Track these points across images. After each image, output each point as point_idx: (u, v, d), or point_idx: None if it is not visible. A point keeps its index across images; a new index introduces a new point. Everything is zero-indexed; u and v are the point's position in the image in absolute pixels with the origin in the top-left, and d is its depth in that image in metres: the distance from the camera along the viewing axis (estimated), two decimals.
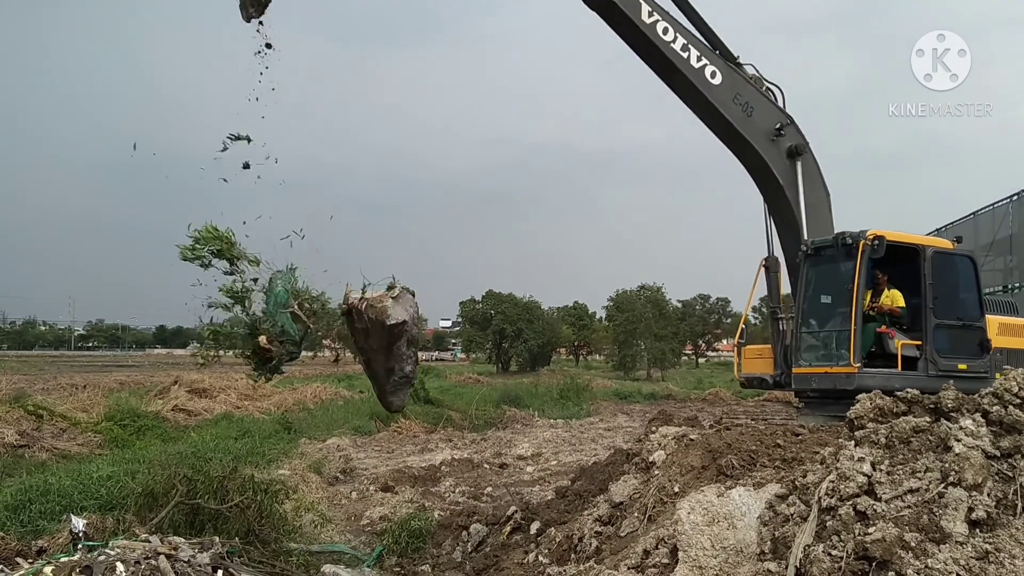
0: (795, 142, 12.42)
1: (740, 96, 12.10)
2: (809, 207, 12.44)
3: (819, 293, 12.27)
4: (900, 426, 4.16)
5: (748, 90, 12.23)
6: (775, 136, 12.28)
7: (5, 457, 13.96)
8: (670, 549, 5.10)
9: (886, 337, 11.42)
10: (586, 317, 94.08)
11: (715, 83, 11.86)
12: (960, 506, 3.53)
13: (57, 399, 22.13)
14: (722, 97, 11.97)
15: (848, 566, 3.50)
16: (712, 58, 11.92)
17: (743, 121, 12.11)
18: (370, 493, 13.28)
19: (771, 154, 12.32)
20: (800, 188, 12.31)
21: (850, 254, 11.28)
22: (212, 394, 25.93)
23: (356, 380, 41.99)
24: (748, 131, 12.18)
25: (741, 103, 12.07)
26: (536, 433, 22.84)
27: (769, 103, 12.48)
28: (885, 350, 11.39)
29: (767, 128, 12.29)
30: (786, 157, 12.40)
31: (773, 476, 5.94)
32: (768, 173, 12.37)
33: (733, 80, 12.08)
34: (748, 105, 12.13)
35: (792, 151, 12.39)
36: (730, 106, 12.03)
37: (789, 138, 12.41)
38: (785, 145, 12.40)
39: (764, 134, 12.27)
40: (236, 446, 15.61)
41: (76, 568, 5.75)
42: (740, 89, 12.16)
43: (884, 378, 10.73)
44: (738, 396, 34.39)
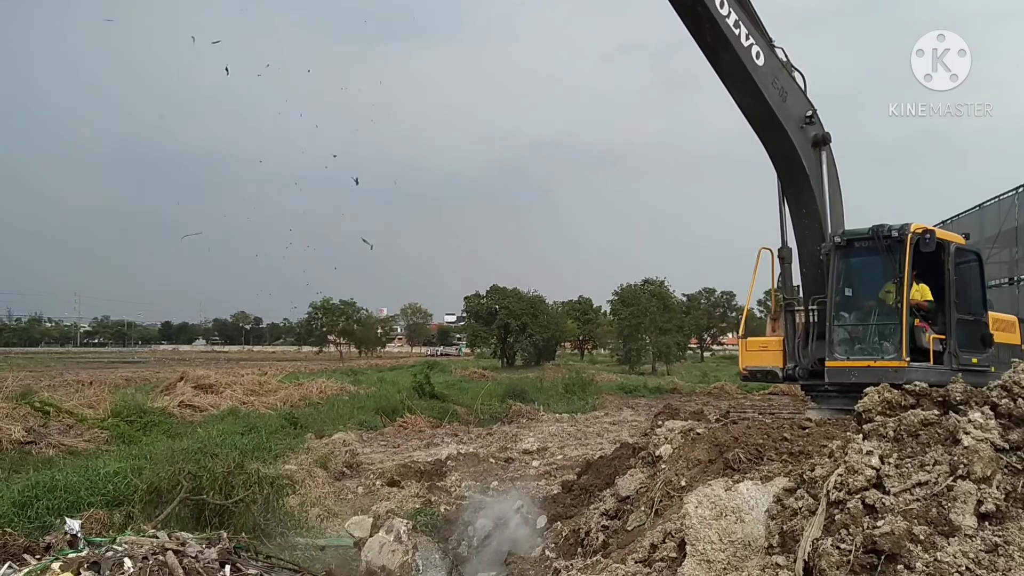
0: (820, 132, 12.40)
1: (778, 80, 12.04)
2: (828, 196, 12.43)
3: (850, 285, 12.19)
4: (908, 419, 4.14)
5: (783, 75, 12.19)
6: (805, 124, 12.27)
7: (12, 454, 13.99)
8: (677, 543, 5.09)
9: (919, 331, 11.35)
10: (591, 311, 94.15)
11: (759, 64, 11.78)
12: (969, 499, 3.51)
13: (63, 396, 22.17)
14: (764, 79, 11.89)
15: (857, 559, 3.48)
16: (757, 38, 11.82)
17: (780, 106, 12.05)
18: (376, 488, 13.30)
19: (800, 141, 12.28)
20: (824, 179, 12.29)
21: (891, 247, 11.20)
22: (218, 390, 25.97)
23: (361, 375, 42.09)
24: (783, 116, 12.11)
25: (778, 87, 12.01)
26: (542, 427, 22.86)
27: (799, 89, 12.45)
28: (916, 344, 11.31)
29: (799, 114, 12.25)
30: (812, 146, 12.38)
31: (781, 470, 5.93)
32: (796, 161, 12.30)
33: (772, 63, 12.02)
34: (784, 90, 12.08)
35: (818, 140, 12.37)
36: (770, 89, 11.96)
37: (816, 127, 12.38)
38: (812, 134, 12.38)
39: (796, 120, 12.23)
40: (243, 441, 15.63)
41: (84, 564, 5.76)
42: (778, 73, 12.10)
43: (924, 372, 10.67)
44: (744, 390, 34.38)
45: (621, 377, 48.53)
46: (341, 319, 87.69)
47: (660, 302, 64.98)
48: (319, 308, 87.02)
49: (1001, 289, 22.85)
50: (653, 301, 64.20)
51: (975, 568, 3.28)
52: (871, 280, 11.88)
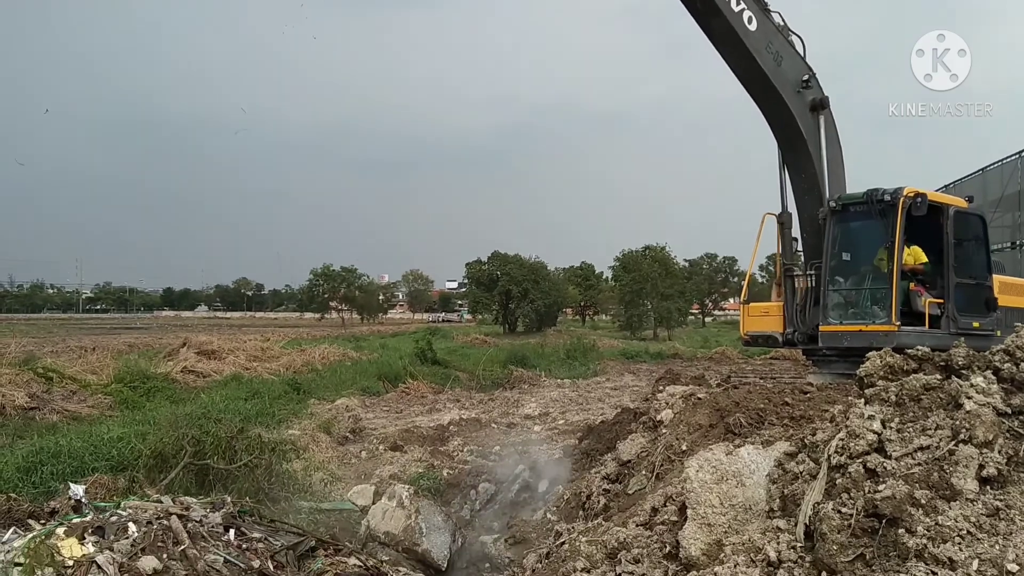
0: (818, 96, 12.25)
1: (772, 45, 11.89)
2: (828, 160, 12.33)
3: (847, 250, 12.16)
4: (911, 384, 4.14)
5: (778, 39, 12.03)
6: (801, 88, 12.13)
7: (16, 419, 14.05)
8: (678, 507, 5.12)
9: (915, 295, 11.33)
10: (592, 277, 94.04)
11: (751, 29, 11.64)
12: (971, 463, 3.52)
13: (66, 362, 22.21)
14: (757, 44, 11.75)
15: (858, 523, 3.50)
16: (749, 3, 11.65)
17: (774, 71, 11.93)
18: (379, 452, 13.37)
19: (797, 106, 12.16)
20: (822, 143, 12.18)
21: (884, 211, 11.16)
22: (221, 356, 26.00)
23: (363, 342, 42.19)
24: (778, 81, 12.00)
25: (773, 52, 11.87)
26: (543, 393, 22.91)
27: (795, 53, 12.30)
28: (912, 308, 11.31)
29: (795, 79, 12.11)
30: (810, 111, 12.26)
31: (782, 434, 5.94)
32: (793, 126, 12.20)
33: (766, 28, 11.87)
34: (779, 55, 11.94)
35: (816, 104, 12.24)
36: (763, 54, 11.83)
37: (813, 91, 12.24)
38: (809, 98, 12.24)
39: (792, 85, 12.09)
40: (246, 407, 15.68)
41: (88, 529, 5.79)
42: (772, 38, 11.94)
43: (918, 336, 10.68)
44: (745, 355, 34.41)
45: (622, 343, 48.56)
46: (342, 286, 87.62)
47: (662, 267, 64.88)
48: (320, 275, 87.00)
49: (1003, 253, 22.79)
50: (655, 266, 64.12)
51: (976, 532, 3.29)
52: (866, 245, 11.84)
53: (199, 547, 6.01)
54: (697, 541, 4.55)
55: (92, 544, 5.59)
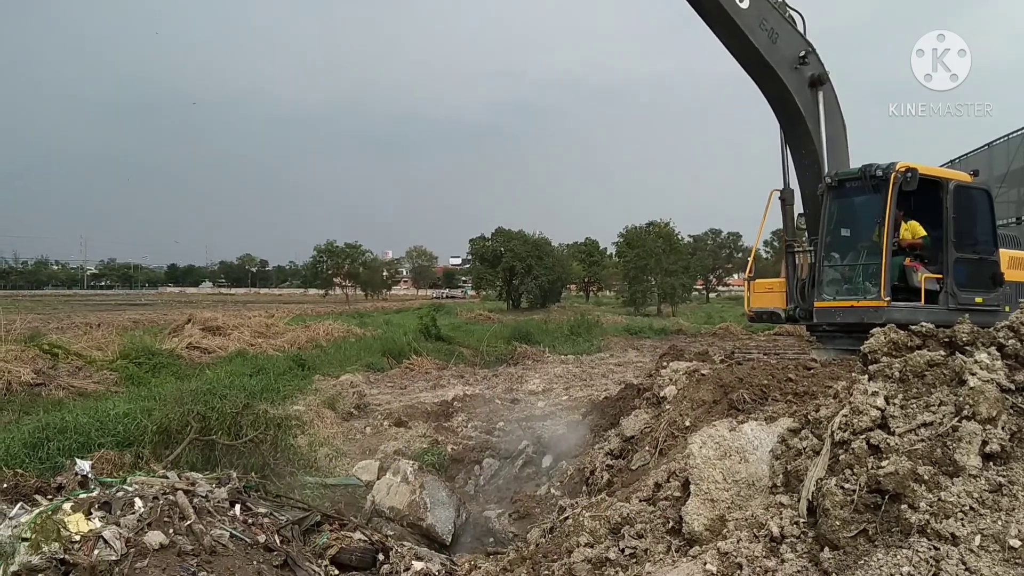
0: (817, 71, 12.10)
1: (766, 22, 11.73)
2: (828, 139, 12.21)
3: (843, 226, 12.12)
4: (914, 360, 4.14)
5: (773, 16, 11.86)
6: (799, 64, 11.97)
7: (22, 395, 14.11)
8: (682, 482, 5.14)
9: (910, 270, 11.31)
10: (596, 253, 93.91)
11: (743, 7, 11.48)
12: (974, 439, 3.52)
13: (72, 338, 22.28)
14: (749, 22, 11.61)
15: (861, 499, 3.51)
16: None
17: (769, 48, 11.79)
18: (384, 428, 13.43)
19: (794, 83, 12.03)
20: (821, 119, 12.06)
21: (878, 187, 11.12)
22: (226, 332, 26.03)
23: (367, 318, 42.24)
24: (773, 58, 11.87)
25: (767, 29, 11.71)
26: (547, 369, 22.95)
27: (792, 30, 12.13)
28: (908, 283, 11.30)
29: (791, 56, 11.96)
30: (808, 87, 12.13)
31: (785, 410, 5.95)
32: (790, 103, 12.10)
33: (759, 5, 11.71)
34: (774, 31, 11.78)
35: (814, 80, 12.10)
36: (757, 32, 11.69)
37: (812, 67, 12.09)
38: (807, 74, 12.09)
39: (788, 62, 11.95)
40: (251, 383, 15.73)
41: (95, 504, 5.83)
42: (766, 14, 11.77)
43: (910, 312, 10.68)
44: (749, 331, 34.41)
45: (626, 319, 48.59)
46: (346, 262, 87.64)
47: (666, 243, 64.76)
48: (324, 251, 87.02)
49: (1008, 228, 22.70)
50: (659, 242, 64.00)
51: (979, 507, 3.30)
52: (861, 220, 11.79)
53: (205, 522, 6.06)
54: (700, 516, 4.57)
55: (99, 519, 5.64)
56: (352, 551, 7.03)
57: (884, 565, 3.29)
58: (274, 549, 6.27)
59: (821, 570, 3.54)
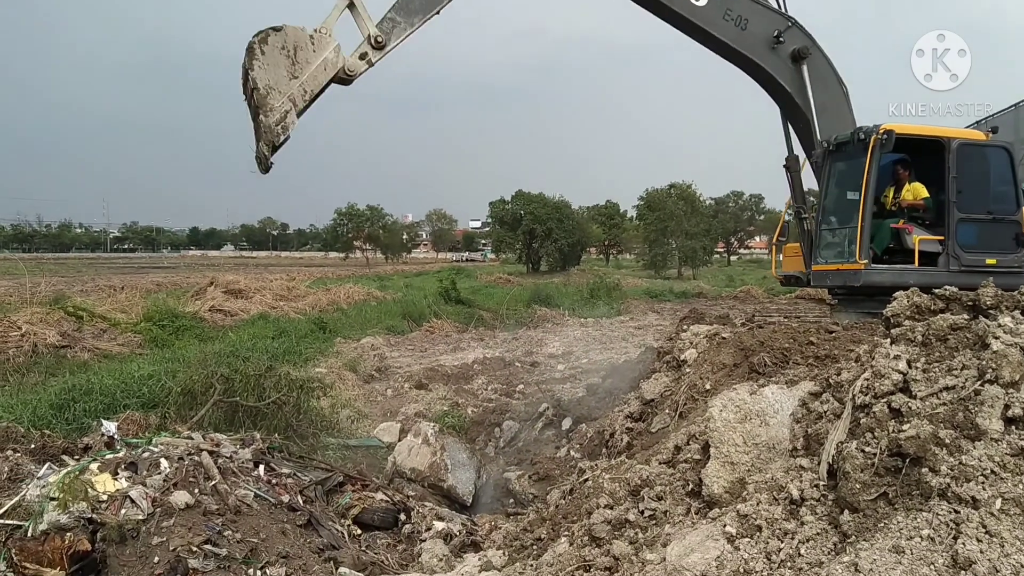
0: (798, 45, 11.57)
1: (731, 11, 11.22)
2: (823, 107, 11.84)
3: (839, 190, 12.01)
4: (937, 324, 4.10)
5: (739, 2, 11.34)
6: (775, 44, 11.55)
7: (48, 358, 14.29)
8: (701, 445, 5.15)
9: (903, 233, 11.25)
10: (617, 216, 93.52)
11: (700, 5, 10.90)
12: (996, 403, 3.49)
13: (96, 301, 22.53)
14: (710, 17, 11.09)
15: (881, 462, 3.50)
16: None
17: (737, 37, 11.28)
18: (405, 390, 13.53)
19: (773, 63, 11.60)
20: (809, 91, 11.67)
21: (864, 149, 11.02)
22: (248, 295, 26.25)
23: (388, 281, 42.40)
24: (744, 46, 11.40)
25: (732, 18, 11.15)
26: (567, 332, 23.00)
27: (764, 9, 11.48)
28: (904, 246, 11.24)
29: (765, 38, 11.39)
30: (791, 62, 11.72)
31: (806, 374, 5.94)
32: (774, 83, 11.75)
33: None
34: (741, 18, 11.21)
35: (796, 55, 11.66)
36: (720, 24, 11.16)
37: (791, 42, 11.55)
38: (788, 50, 11.63)
39: (763, 44, 11.43)
40: (273, 345, 15.88)
41: (121, 464, 5.93)
42: (730, 4, 11.27)
43: (896, 274, 10.66)
44: (770, 294, 34.31)
45: (646, 282, 48.51)
46: (367, 225, 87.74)
47: (687, 205, 64.36)
48: (344, 214, 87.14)
49: None
50: (680, 205, 63.62)
51: (1000, 471, 3.29)
52: (855, 184, 11.64)
53: (230, 482, 6.16)
54: (720, 479, 4.58)
55: (125, 479, 5.74)
56: (374, 511, 7.13)
57: (904, 528, 3.30)
58: (297, 509, 6.37)
59: (840, 532, 3.55)
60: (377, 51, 8.94)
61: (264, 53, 8.17)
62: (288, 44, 8.29)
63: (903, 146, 11.49)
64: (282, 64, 8.27)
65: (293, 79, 8.31)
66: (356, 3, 8.67)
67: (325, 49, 8.51)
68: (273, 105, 8.19)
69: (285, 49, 8.27)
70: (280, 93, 8.22)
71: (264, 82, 8.17)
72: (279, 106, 8.23)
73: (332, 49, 8.50)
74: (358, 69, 8.89)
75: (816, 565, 3.50)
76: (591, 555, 4.55)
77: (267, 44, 8.19)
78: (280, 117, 8.23)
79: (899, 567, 3.17)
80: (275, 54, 8.23)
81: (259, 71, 8.15)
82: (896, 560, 3.19)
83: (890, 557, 3.21)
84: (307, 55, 8.41)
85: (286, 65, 8.31)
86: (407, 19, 9.13)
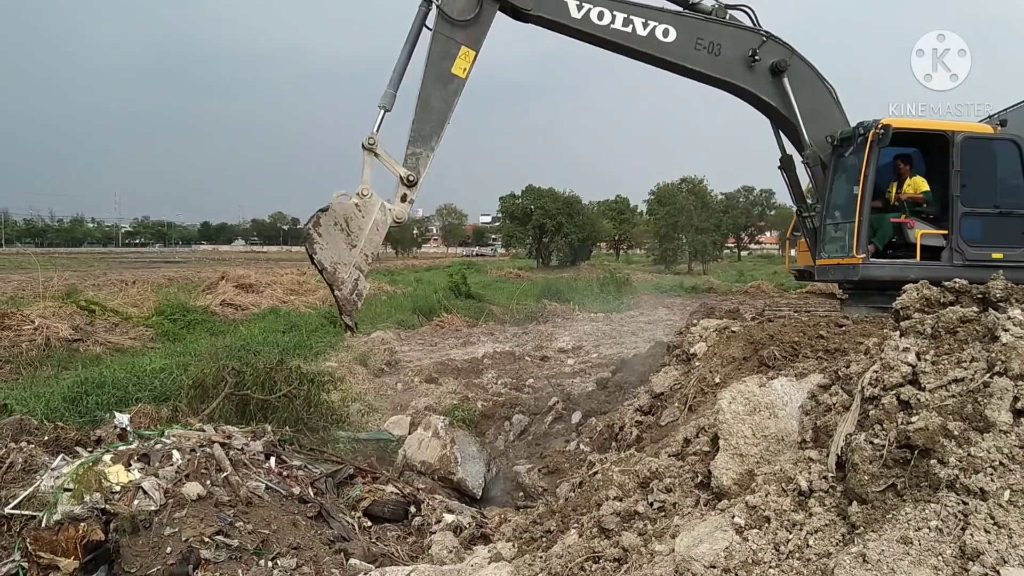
0: (776, 58, 11.18)
1: (701, 40, 10.98)
2: (811, 112, 11.65)
3: (841, 185, 11.97)
4: (947, 316, 4.10)
5: (709, 29, 11.08)
6: (752, 62, 11.31)
7: (60, 351, 14.38)
8: (711, 437, 5.16)
9: (905, 227, 11.23)
10: (627, 211, 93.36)
11: (669, 41, 10.67)
12: (1006, 395, 3.49)
13: (108, 295, 22.65)
14: (681, 51, 10.87)
15: (890, 454, 3.51)
16: (658, 15, 10.79)
17: (712, 64, 11.03)
18: (415, 384, 13.58)
19: (753, 82, 11.36)
20: (794, 101, 11.51)
21: (863, 144, 10.98)
22: (259, 289, 26.35)
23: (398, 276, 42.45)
24: (720, 71, 11.15)
25: (704, 46, 10.93)
26: (577, 327, 23.02)
27: (735, 30, 11.29)
28: (906, 240, 11.22)
29: (740, 58, 11.19)
30: (771, 76, 11.52)
31: (816, 367, 5.93)
32: (757, 100, 11.62)
33: (689, 27, 10.91)
34: (713, 44, 11.00)
35: (775, 68, 11.44)
36: (692, 55, 10.91)
37: (768, 56, 11.20)
38: (766, 65, 11.40)
39: (740, 65, 11.12)
40: (284, 339, 15.95)
41: (134, 456, 5.98)
42: (699, 32, 11.02)
43: (896, 268, 10.64)
44: (781, 289, 34.20)
45: (657, 277, 48.48)
46: None
47: (698, 200, 64.22)
48: None
49: None
50: (690, 199, 63.49)
51: (1009, 463, 3.29)
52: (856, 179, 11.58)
53: (241, 474, 6.19)
54: (729, 471, 4.59)
55: (138, 471, 5.78)
56: (384, 503, 7.16)
57: (912, 519, 3.30)
58: (308, 501, 6.40)
59: (849, 524, 3.56)
60: (413, 187, 9.46)
61: (321, 235, 8.83)
62: (339, 219, 8.89)
63: (909, 141, 11.46)
64: (339, 239, 8.91)
65: (353, 248, 8.98)
66: (379, 153, 9.12)
67: (372, 211, 9.09)
68: (343, 278, 8.91)
69: (338, 225, 8.88)
70: (346, 265, 8.93)
71: (329, 261, 8.86)
72: (348, 278, 8.95)
73: (379, 209, 9.08)
74: (405, 214, 9.50)
75: (824, 556, 3.51)
76: (600, 546, 4.56)
77: (320, 226, 8.82)
78: (352, 287, 8.98)
79: (907, 558, 3.17)
80: (330, 232, 8.86)
81: (321, 252, 8.84)
82: (904, 551, 3.20)
83: (898, 548, 3.22)
84: (358, 223, 9.01)
85: (343, 238, 8.94)
86: (426, 146, 9.58)
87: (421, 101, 9.56)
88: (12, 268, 45.07)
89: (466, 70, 9.79)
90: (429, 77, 9.63)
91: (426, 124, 9.60)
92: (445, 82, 9.59)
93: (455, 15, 9.55)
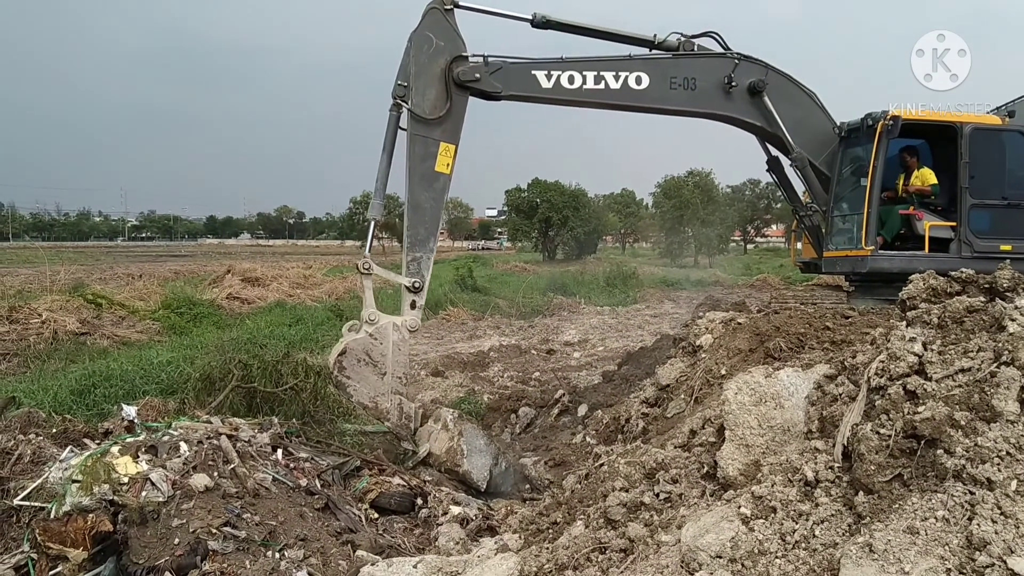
0: (752, 78, 11.11)
1: (675, 79, 10.84)
2: (795, 122, 11.47)
3: (849, 176, 11.96)
4: (953, 306, 4.09)
5: (680, 65, 10.91)
6: (729, 88, 10.97)
7: (68, 344, 14.43)
8: (716, 428, 5.16)
9: (913, 219, 11.22)
10: (633, 204, 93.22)
11: (644, 88, 10.63)
12: (1012, 385, 3.49)
13: (115, 288, 22.75)
14: (657, 94, 10.78)
15: (896, 444, 3.51)
16: (627, 65, 10.69)
17: (690, 99, 10.96)
18: (421, 378, 13.58)
19: (733, 107, 11.12)
20: (777, 116, 11.40)
21: (871, 135, 10.96)
22: (265, 283, 26.40)
23: None
24: (700, 105, 11.07)
25: (679, 83, 10.84)
26: (583, 320, 23.02)
27: (706, 59, 11.14)
28: (914, 232, 11.21)
29: (718, 86, 11.03)
30: (750, 97, 11.39)
31: (822, 357, 5.93)
32: (741, 123, 11.56)
33: (660, 69, 10.78)
34: (688, 80, 10.88)
35: (753, 89, 11.31)
36: (669, 96, 10.84)
37: (743, 78, 11.09)
38: (744, 87, 11.17)
39: (718, 94, 11.05)
40: (290, 332, 15.98)
41: (142, 448, 5.99)
42: (671, 72, 10.86)
43: (905, 260, 10.65)
44: (787, 282, 34.13)
45: (663, 270, 48.37)
46: None
47: (704, 194, 64.12)
48: (360, 203, 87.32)
49: None
50: (696, 193, 63.39)
51: (1016, 453, 3.29)
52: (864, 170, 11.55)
53: (248, 466, 6.21)
54: (735, 461, 4.59)
55: (146, 462, 5.79)
56: (391, 495, 7.17)
57: (919, 509, 3.30)
58: (315, 492, 6.41)
59: (855, 514, 3.56)
60: (420, 292, 9.81)
61: (349, 377, 9.03)
62: (360, 354, 9.13)
63: (917, 133, 11.44)
64: (367, 372, 9.11)
65: (383, 376, 9.18)
66: (376, 271, 9.64)
67: (387, 334, 9.32)
68: (387, 408, 9.06)
69: (360, 360, 9.10)
70: (384, 395, 9.10)
71: (367, 396, 9.03)
72: (392, 406, 9.11)
73: (392, 329, 9.32)
74: (419, 320, 9.77)
75: (830, 546, 3.52)
76: (607, 537, 4.57)
77: (345, 368, 9.03)
78: (398, 414, 9.12)
79: (914, 548, 3.18)
80: (356, 370, 9.06)
81: (356, 392, 9.02)
82: (911, 541, 3.20)
83: (905, 538, 3.22)
84: (379, 350, 9.23)
85: (371, 371, 9.15)
86: (424, 249, 9.90)
87: (411, 205, 9.71)
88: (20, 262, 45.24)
89: (449, 165, 9.80)
90: (415, 180, 9.71)
91: (421, 227, 9.79)
92: (431, 181, 9.69)
93: (427, 114, 9.56)
